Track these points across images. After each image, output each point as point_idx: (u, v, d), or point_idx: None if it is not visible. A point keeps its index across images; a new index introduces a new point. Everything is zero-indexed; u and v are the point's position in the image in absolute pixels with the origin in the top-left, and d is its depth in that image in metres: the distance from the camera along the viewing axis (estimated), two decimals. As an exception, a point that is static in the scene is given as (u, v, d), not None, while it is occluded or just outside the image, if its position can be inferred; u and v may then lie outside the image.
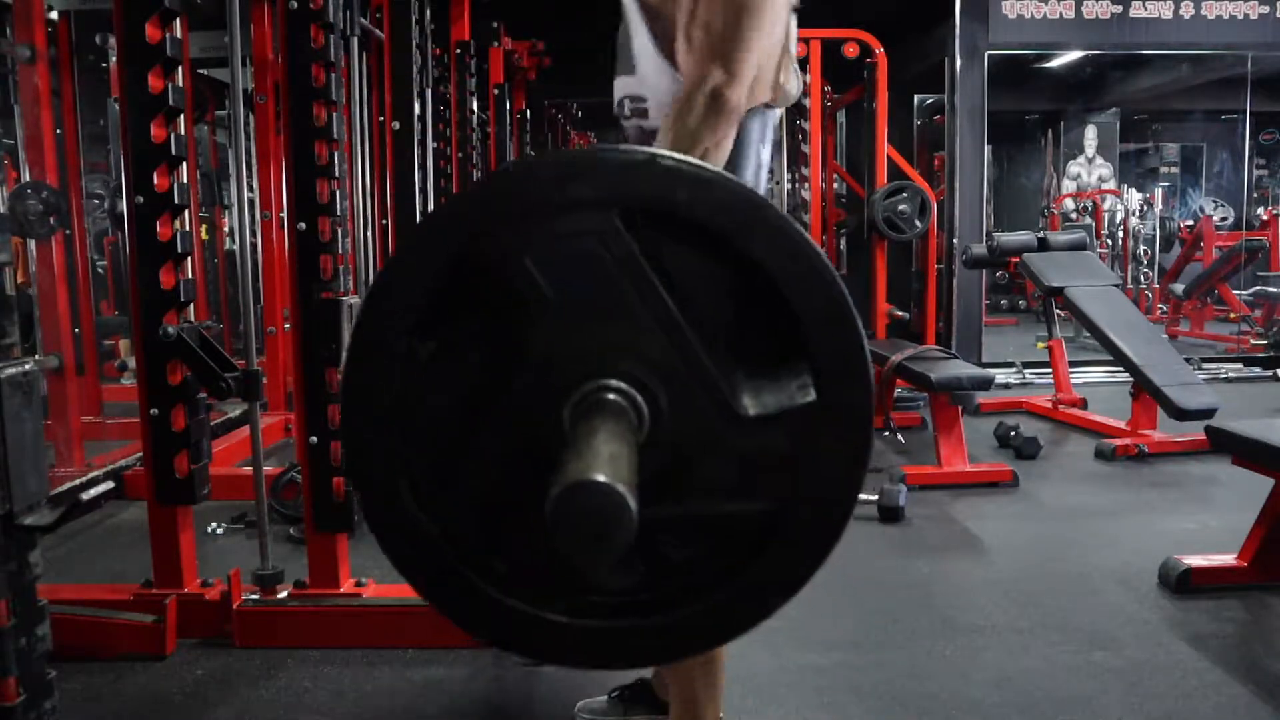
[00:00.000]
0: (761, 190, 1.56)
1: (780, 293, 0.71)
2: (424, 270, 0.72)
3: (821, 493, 0.75)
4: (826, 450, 0.74)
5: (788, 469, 0.75)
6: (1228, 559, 2.68)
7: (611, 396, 0.71)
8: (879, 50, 5.28)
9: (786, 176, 5.98)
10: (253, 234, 4.68)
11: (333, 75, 2.35)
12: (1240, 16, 6.31)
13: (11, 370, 1.50)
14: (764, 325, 0.74)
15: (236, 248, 5.06)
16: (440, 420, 0.76)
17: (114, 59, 3.48)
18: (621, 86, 1.51)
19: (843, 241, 6.95)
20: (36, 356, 3.71)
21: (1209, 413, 3.72)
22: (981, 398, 4.90)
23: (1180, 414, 3.84)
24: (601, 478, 0.58)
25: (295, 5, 2.31)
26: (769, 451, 0.75)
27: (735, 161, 1.40)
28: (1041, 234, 5.14)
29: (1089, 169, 9.38)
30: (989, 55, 6.27)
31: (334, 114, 2.35)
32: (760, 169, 1.53)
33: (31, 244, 3.82)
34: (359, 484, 0.77)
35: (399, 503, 0.76)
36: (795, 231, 0.71)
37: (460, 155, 4.54)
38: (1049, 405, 5.05)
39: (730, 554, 0.78)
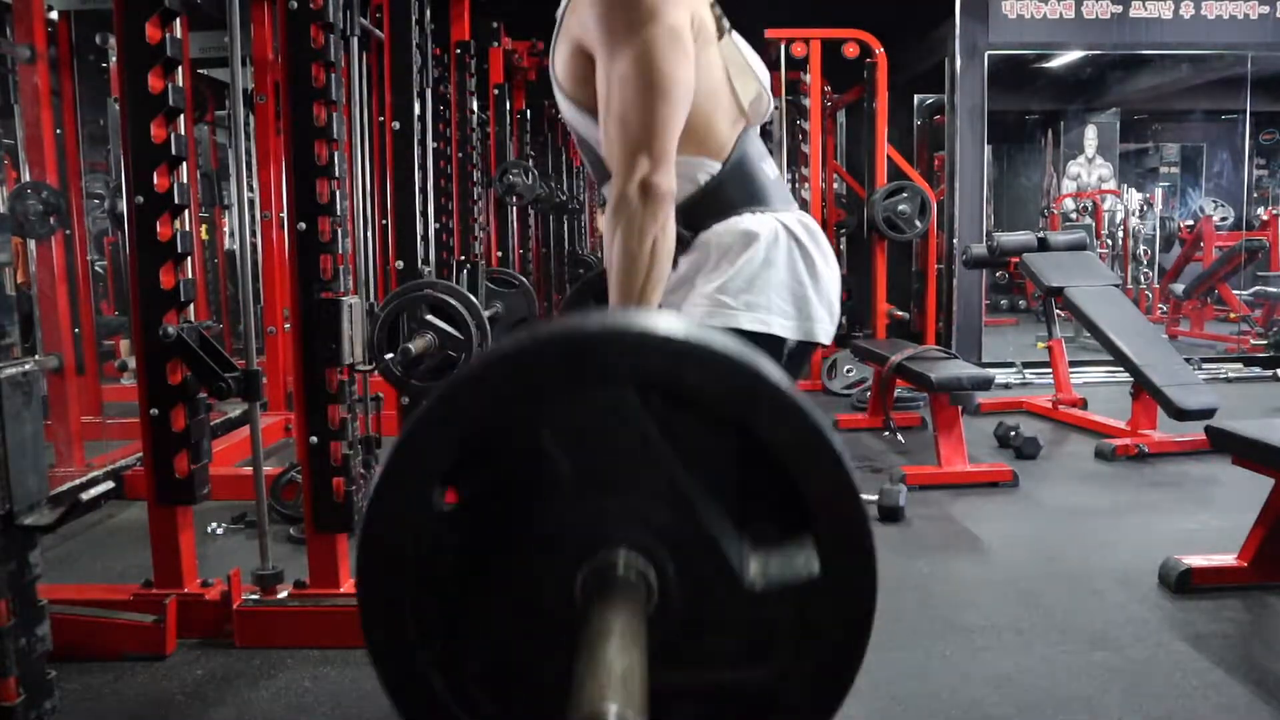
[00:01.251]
0: None
1: (786, 469, 0.73)
2: (445, 434, 0.74)
3: (824, 662, 0.78)
4: (829, 624, 0.77)
5: (792, 639, 0.77)
6: (1228, 559, 2.68)
7: (623, 572, 0.73)
8: (879, 50, 5.28)
9: (786, 176, 5.97)
10: (253, 234, 4.68)
11: (333, 75, 2.35)
12: (1240, 16, 6.31)
13: (11, 370, 1.51)
14: (771, 497, 0.76)
15: (236, 247, 5.05)
16: (455, 575, 0.78)
17: (114, 59, 3.48)
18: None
19: (843, 241, 6.94)
20: (36, 356, 3.71)
21: (1209, 413, 3.72)
22: (981, 398, 4.91)
23: (1180, 414, 3.84)
24: (614, 707, 0.58)
25: (295, 5, 2.31)
26: (774, 622, 0.77)
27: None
28: (1041, 234, 5.14)
29: (1089, 169, 9.38)
30: (989, 55, 6.28)
31: (334, 114, 2.35)
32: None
33: (31, 244, 3.82)
34: (370, 637, 0.80)
35: (411, 658, 0.78)
36: (802, 411, 0.72)
37: (460, 155, 4.54)
38: (1049, 405, 5.05)
39: (735, 718, 0.81)
